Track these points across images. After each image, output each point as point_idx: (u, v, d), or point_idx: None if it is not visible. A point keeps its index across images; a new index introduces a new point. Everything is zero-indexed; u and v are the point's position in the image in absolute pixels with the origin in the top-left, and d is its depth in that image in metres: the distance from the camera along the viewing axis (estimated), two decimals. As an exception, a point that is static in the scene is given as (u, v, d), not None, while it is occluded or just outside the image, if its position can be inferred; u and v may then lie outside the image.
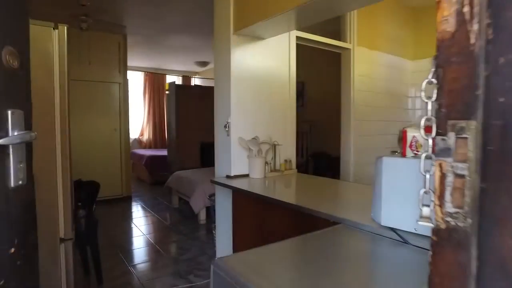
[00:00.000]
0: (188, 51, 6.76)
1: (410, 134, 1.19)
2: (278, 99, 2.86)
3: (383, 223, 1.24)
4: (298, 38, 2.96)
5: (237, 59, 2.59)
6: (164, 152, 7.51)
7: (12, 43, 0.73)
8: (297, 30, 2.88)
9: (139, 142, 8.70)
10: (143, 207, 5.28)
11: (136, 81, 8.59)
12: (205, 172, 4.82)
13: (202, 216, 4.38)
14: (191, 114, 5.89)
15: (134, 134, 8.64)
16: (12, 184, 0.72)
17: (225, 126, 2.59)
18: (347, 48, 3.43)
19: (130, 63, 6.83)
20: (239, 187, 2.28)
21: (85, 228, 2.59)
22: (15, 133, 0.72)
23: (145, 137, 8.71)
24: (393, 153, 3.78)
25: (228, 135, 2.59)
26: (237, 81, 2.59)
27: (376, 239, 1.26)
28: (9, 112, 0.71)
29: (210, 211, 3.78)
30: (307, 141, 5.33)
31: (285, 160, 2.84)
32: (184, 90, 5.86)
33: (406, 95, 4.20)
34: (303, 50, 3.03)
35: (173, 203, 5.20)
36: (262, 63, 2.74)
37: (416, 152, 1.17)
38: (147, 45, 6.22)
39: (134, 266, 3.15)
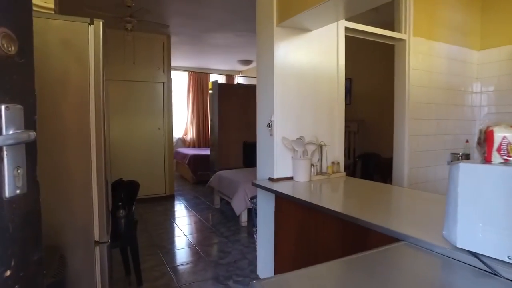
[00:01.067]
0: (231, 50, 6.69)
1: (499, 134, 0.94)
2: (324, 96, 2.64)
3: (459, 245, 1.00)
4: (347, 29, 2.72)
5: (280, 53, 2.41)
6: (207, 152, 7.53)
7: (8, 25, 0.61)
8: (345, 19, 2.64)
9: (183, 141, 8.83)
10: (185, 207, 5.28)
11: (180, 81, 8.71)
12: (248, 173, 4.70)
13: (244, 218, 4.26)
14: (233, 113, 5.81)
15: (178, 133, 8.77)
16: (7, 193, 0.60)
17: (268, 125, 2.43)
18: (402, 39, 3.11)
19: (173, 63, 6.91)
20: (282, 191, 2.10)
21: (124, 228, 2.55)
22: (10, 132, 0.60)
23: (189, 136, 8.81)
24: (454, 155, 3.43)
25: (271, 134, 2.42)
26: (281, 77, 2.41)
27: (450, 264, 1.02)
28: (2, 107, 0.59)
29: (252, 214, 3.64)
30: (355, 141, 5.01)
31: (333, 162, 2.62)
32: (226, 89, 5.79)
33: (470, 91, 3.76)
34: (350, 43, 2.78)
35: (215, 203, 5.14)
36: (308, 58, 2.53)
37: (508, 158, 0.92)
38: (190, 45, 6.24)
39: (173, 268, 3.09)
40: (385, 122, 4.20)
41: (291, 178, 2.46)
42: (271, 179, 2.45)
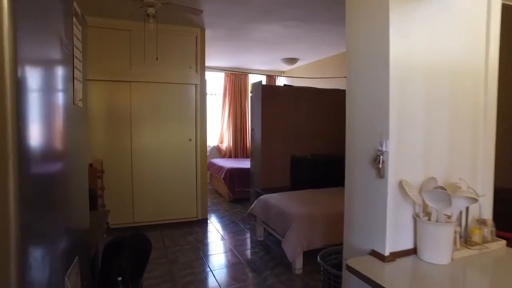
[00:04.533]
0: (274, 46, 5.66)
1: None
2: (466, 106, 1.53)
3: None
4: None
5: (400, 33, 1.34)
6: (246, 163, 6.53)
7: None
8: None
9: (218, 150, 7.90)
10: (221, 237, 4.29)
11: (214, 83, 7.80)
12: (301, 199, 3.64)
13: (299, 264, 3.20)
14: (280, 120, 4.77)
15: (212, 141, 7.86)
16: None
17: (376, 160, 1.35)
18: None
19: (208, 62, 6.00)
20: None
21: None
22: None
23: (225, 144, 7.87)
24: None
25: (382, 176, 1.34)
26: (399, 75, 1.34)
27: None
28: None
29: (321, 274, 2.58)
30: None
31: (479, 221, 1.50)
32: (272, 91, 4.76)
33: None
34: (507, 18, 1.65)
35: (258, 234, 4.12)
36: (441, 43, 1.44)
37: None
38: (228, 40, 5.27)
39: None
40: None
41: (412, 252, 1.38)
42: (376, 255, 1.38)
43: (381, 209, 1.36)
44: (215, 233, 4.41)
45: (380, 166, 1.32)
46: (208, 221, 4.84)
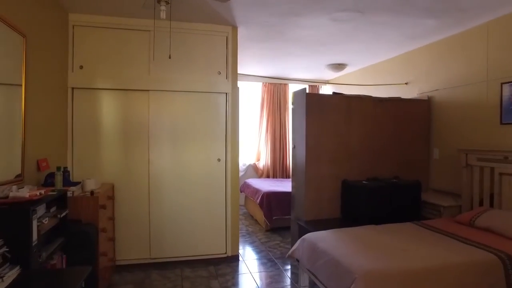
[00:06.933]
0: (319, 49, 4.80)
1: None
2: None
3: None
4: None
5: None
6: (285, 185, 5.64)
7: None
8: None
9: (254, 169, 7.07)
10: (254, 284, 3.40)
11: (248, 93, 7.07)
12: (361, 242, 2.67)
13: None
14: (327, 136, 3.85)
15: (248, 159, 7.06)
16: None
17: None
18: None
19: (240, 70, 5.28)
20: None
21: None
22: None
23: (262, 162, 7.02)
24: None
25: None
26: None
27: None
28: None
29: None
30: None
31: None
32: (317, 101, 3.87)
33: None
34: None
35: (301, 284, 3.18)
36: None
37: None
38: (263, 41, 4.49)
39: None
40: None
41: None
42: None
43: None
44: (247, 278, 3.52)
45: None
46: (240, 259, 3.97)
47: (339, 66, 5.80)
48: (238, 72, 4.12)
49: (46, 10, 2.93)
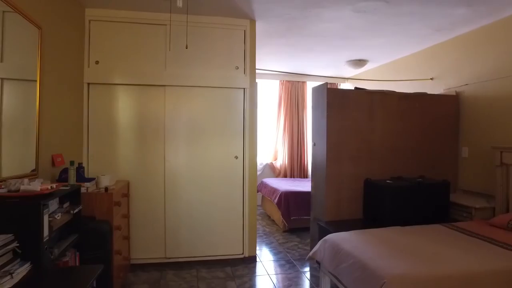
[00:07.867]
0: (340, 43, 4.64)
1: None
2: None
3: None
4: None
5: None
6: (304, 185, 5.49)
7: None
8: None
9: (271, 168, 6.93)
10: (273, 285, 3.27)
11: (266, 90, 6.94)
12: (389, 245, 2.50)
13: None
14: (349, 133, 3.68)
15: (265, 158, 6.93)
16: None
17: None
18: None
19: (258, 66, 5.17)
20: None
21: None
22: None
23: (279, 162, 6.88)
24: None
25: None
26: None
27: None
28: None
29: None
30: None
31: None
32: (339, 96, 3.70)
33: None
34: None
35: (322, 286, 3.02)
36: None
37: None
38: (282, 37, 4.36)
39: None
40: None
41: None
42: None
43: None
44: (265, 280, 3.39)
45: None
46: (257, 260, 3.84)
47: (359, 62, 5.61)
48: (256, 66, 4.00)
49: (62, 3, 2.88)
